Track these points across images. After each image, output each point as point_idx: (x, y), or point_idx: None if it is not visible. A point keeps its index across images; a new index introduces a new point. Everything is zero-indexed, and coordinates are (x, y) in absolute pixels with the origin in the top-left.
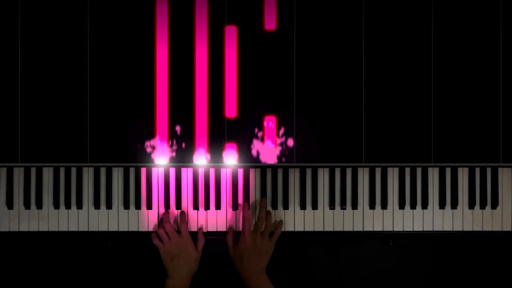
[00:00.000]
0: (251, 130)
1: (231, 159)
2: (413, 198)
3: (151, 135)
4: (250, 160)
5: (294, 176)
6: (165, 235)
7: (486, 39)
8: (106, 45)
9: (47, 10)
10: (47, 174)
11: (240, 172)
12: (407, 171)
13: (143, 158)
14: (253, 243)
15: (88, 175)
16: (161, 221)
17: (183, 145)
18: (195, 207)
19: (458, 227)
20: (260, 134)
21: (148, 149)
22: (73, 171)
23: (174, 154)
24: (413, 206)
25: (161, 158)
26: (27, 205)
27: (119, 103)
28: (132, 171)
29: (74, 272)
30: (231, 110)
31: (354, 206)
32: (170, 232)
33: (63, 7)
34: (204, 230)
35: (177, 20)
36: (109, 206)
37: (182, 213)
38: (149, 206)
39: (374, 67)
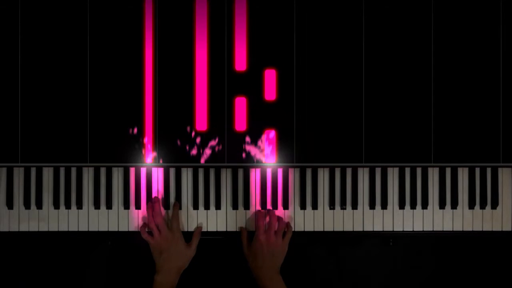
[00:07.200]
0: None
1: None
2: (413, 198)
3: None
4: (251, 160)
5: (294, 176)
6: (156, 229)
7: (486, 39)
8: (106, 46)
9: (47, 10)
10: (47, 174)
11: (241, 172)
12: (407, 171)
13: (143, 158)
14: (267, 243)
15: (88, 175)
16: (153, 214)
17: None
18: (195, 207)
19: (458, 227)
20: (260, 139)
21: (148, 149)
22: (73, 171)
23: (173, 154)
24: (413, 206)
25: (161, 158)
26: (27, 205)
27: (120, 103)
28: (132, 171)
29: (74, 272)
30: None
31: (354, 206)
32: (161, 225)
33: (63, 8)
34: (204, 230)
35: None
36: (109, 206)
37: (175, 207)
38: None
39: (374, 68)
